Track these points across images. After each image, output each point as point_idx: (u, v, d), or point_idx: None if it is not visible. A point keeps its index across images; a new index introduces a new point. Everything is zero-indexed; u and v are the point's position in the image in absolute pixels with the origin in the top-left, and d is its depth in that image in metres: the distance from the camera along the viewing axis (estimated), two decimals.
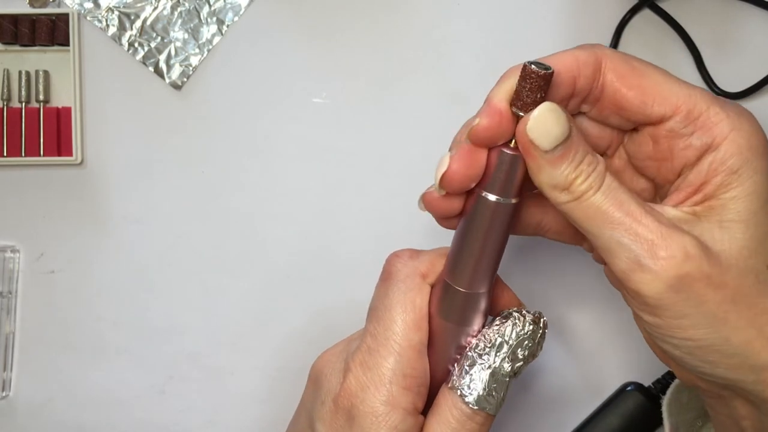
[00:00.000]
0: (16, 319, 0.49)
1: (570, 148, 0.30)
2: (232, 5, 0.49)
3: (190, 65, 0.49)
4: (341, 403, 0.34)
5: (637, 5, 0.48)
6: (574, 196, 0.31)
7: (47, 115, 0.49)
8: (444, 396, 0.34)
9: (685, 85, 0.32)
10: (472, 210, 0.33)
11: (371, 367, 0.33)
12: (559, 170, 0.30)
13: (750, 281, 0.30)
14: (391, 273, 0.35)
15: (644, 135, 0.33)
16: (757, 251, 0.30)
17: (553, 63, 0.31)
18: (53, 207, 0.49)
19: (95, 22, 0.49)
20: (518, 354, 0.34)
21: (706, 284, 0.29)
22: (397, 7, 0.49)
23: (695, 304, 0.29)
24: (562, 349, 0.49)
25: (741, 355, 0.30)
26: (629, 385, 0.47)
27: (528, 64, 0.30)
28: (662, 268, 0.29)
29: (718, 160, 0.31)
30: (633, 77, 0.32)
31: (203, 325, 0.49)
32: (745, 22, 0.48)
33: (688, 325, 0.30)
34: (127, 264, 0.49)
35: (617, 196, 0.30)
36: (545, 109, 0.30)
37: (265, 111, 0.49)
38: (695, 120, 0.31)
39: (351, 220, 0.49)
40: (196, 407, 0.49)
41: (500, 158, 0.32)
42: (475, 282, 0.34)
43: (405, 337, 0.34)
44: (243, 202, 0.49)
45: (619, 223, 0.30)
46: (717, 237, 0.30)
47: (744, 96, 0.47)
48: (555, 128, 0.30)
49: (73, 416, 0.49)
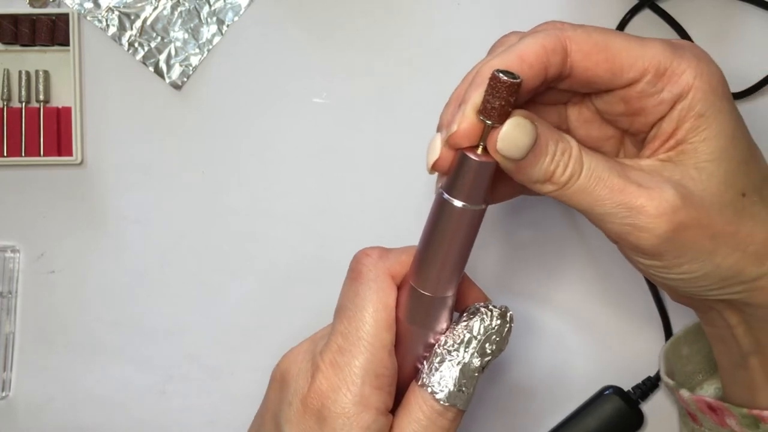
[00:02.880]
0: (16, 319, 0.49)
1: (540, 147, 0.31)
2: (232, 5, 0.49)
3: (190, 65, 0.49)
4: (311, 404, 0.33)
5: (637, 5, 0.48)
6: (559, 185, 0.32)
7: (47, 115, 0.49)
8: (414, 394, 0.34)
9: (646, 43, 0.33)
10: (437, 214, 0.33)
11: (342, 366, 0.33)
12: (536, 169, 0.32)
13: (730, 212, 0.33)
14: (361, 272, 0.35)
15: (614, 96, 0.34)
16: (731, 183, 0.33)
17: (525, 55, 0.32)
18: (53, 207, 0.49)
19: (95, 22, 0.49)
20: (486, 349, 0.34)
21: (696, 227, 0.32)
22: (398, 7, 0.49)
23: (689, 246, 0.32)
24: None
25: (731, 276, 0.33)
26: (608, 388, 0.47)
27: (497, 74, 0.30)
28: (656, 225, 0.31)
29: (686, 107, 0.32)
30: (598, 53, 0.33)
31: (203, 325, 0.49)
32: (745, 22, 0.48)
33: (684, 262, 0.33)
34: (127, 264, 0.49)
35: (598, 174, 0.32)
36: (511, 125, 0.31)
37: (265, 111, 0.49)
38: (662, 76, 0.33)
39: (351, 220, 0.49)
40: (196, 407, 0.49)
41: (467, 165, 0.31)
42: (441, 286, 0.33)
43: (376, 336, 0.33)
44: (243, 202, 0.49)
45: (607, 199, 0.32)
46: (695, 178, 0.33)
47: (744, 96, 0.47)
48: (523, 140, 0.31)
49: (73, 416, 0.49)
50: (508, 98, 0.30)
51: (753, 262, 0.33)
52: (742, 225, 0.33)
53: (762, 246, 0.33)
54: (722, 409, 0.39)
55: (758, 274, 0.33)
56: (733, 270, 0.33)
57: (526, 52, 0.32)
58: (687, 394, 0.42)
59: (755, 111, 0.47)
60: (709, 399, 0.40)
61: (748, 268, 0.33)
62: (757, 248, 0.33)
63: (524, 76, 0.31)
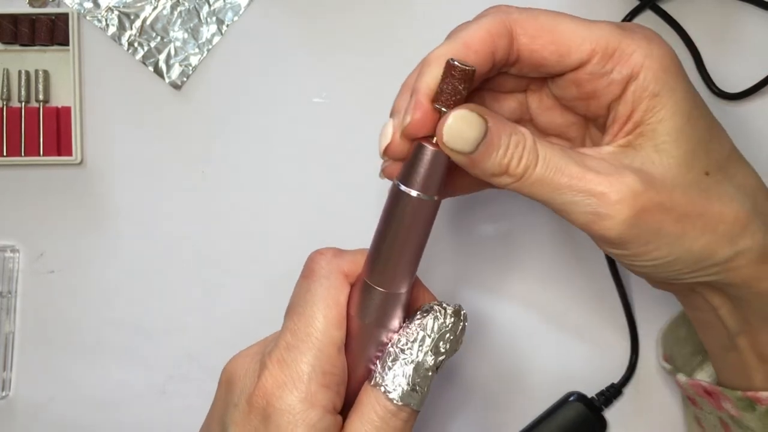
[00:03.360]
0: (16, 319, 0.49)
1: (492, 140, 0.31)
2: (232, 5, 0.49)
3: (189, 65, 0.49)
4: (256, 403, 0.32)
5: (638, 6, 0.48)
6: (516, 177, 0.32)
7: (47, 114, 0.49)
8: (367, 394, 0.33)
9: (594, 25, 0.33)
10: (392, 205, 0.32)
11: (289, 363, 0.32)
12: (489, 162, 0.31)
13: (695, 192, 0.32)
14: (314, 270, 0.35)
15: (566, 80, 0.34)
16: (693, 163, 0.33)
17: (470, 42, 0.32)
18: (53, 207, 0.49)
19: (95, 22, 0.49)
20: (440, 347, 0.34)
21: (660, 211, 0.32)
22: (397, 6, 0.49)
23: (654, 231, 0.32)
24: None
25: (703, 259, 0.33)
26: (572, 394, 0.47)
27: (451, 62, 0.30)
28: (618, 211, 0.31)
29: (640, 88, 0.32)
30: (544, 35, 0.33)
31: (203, 325, 0.49)
32: (745, 23, 0.48)
33: (653, 249, 0.32)
34: (127, 264, 0.49)
35: (555, 163, 0.32)
36: (456, 118, 0.31)
37: (264, 111, 0.49)
38: (611, 57, 0.32)
39: (351, 219, 0.49)
40: (196, 407, 0.49)
41: (422, 154, 0.31)
42: (395, 281, 0.33)
43: (326, 333, 0.33)
44: (243, 202, 0.49)
45: (567, 188, 0.31)
46: (656, 161, 0.32)
47: (743, 96, 0.47)
48: (470, 133, 0.31)
49: (73, 416, 0.49)
50: (461, 86, 0.30)
51: (725, 242, 0.33)
52: (709, 205, 0.33)
53: (732, 225, 0.33)
54: (717, 393, 0.39)
55: (731, 254, 0.33)
56: (706, 252, 0.33)
57: (471, 39, 0.32)
58: (684, 379, 0.42)
59: (755, 112, 0.47)
60: (705, 383, 0.40)
61: (721, 249, 0.33)
62: (728, 228, 0.33)
63: (471, 62, 0.31)
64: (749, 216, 0.33)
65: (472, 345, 0.48)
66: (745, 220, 0.33)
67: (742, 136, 0.47)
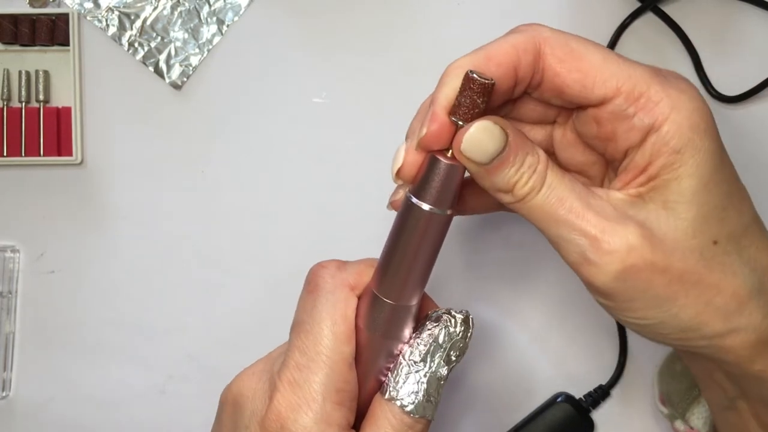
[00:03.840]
0: (16, 319, 0.49)
1: (508, 156, 0.30)
2: (232, 5, 0.49)
3: (190, 65, 0.49)
4: (270, 426, 0.32)
5: (639, 9, 0.47)
6: (517, 198, 0.31)
7: (47, 115, 0.49)
8: (381, 407, 0.33)
9: (626, 64, 0.31)
10: (404, 218, 0.32)
11: (301, 384, 0.32)
12: (499, 176, 0.31)
13: (695, 259, 0.31)
14: (318, 284, 0.34)
15: (588, 116, 0.33)
16: (701, 230, 0.31)
17: (493, 54, 0.31)
18: (53, 207, 0.49)
19: (95, 22, 0.49)
20: (452, 356, 0.33)
21: (651, 271, 0.30)
22: (398, 7, 0.49)
23: (642, 290, 0.30)
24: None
25: (691, 328, 0.31)
26: (560, 395, 0.47)
27: (470, 74, 0.30)
28: (607, 262, 0.30)
29: (661, 141, 0.31)
30: (572, 60, 0.31)
31: (203, 325, 0.49)
32: (746, 24, 0.48)
33: (639, 307, 0.31)
34: (127, 264, 0.49)
35: (559, 193, 0.31)
36: (478, 129, 0.30)
37: (264, 111, 0.49)
38: (636, 101, 0.31)
39: (351, 219, 0.49)
40: (196, 407, 0.49)
41: (437, 167, 0.31)
42: (405, 294, 0.33)
43: (336, 350, 0.32)
44: (243, 202, 0.49)
45: (563, 221, 0.30)
46: (662, 218, 0.31)
47: (743, 99, 0.47)
48: (489, 145, 0.30)
49: (73, 416, 0.49)
50: (479, 99, 0.30)
51: (717, 317, 0.31)
52: (708, 275, 0.31)
53: (730, 300, 0.31)
54: None
55: (723, 330, 0.31)
56: (694, 322, 0.31)
57: (495, 51, 0.31)
58: (682, 427, 0.42)
59: (754, 114, 0.47)
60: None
61: (712, 323, 0.31)
62: (724, 302, 0.31)
63: (492, 75, 0.31)
64: (750, 293, 0.31)
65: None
66: (744, 297, 0.31)
67: (741, 139, 0.47)
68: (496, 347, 0.48)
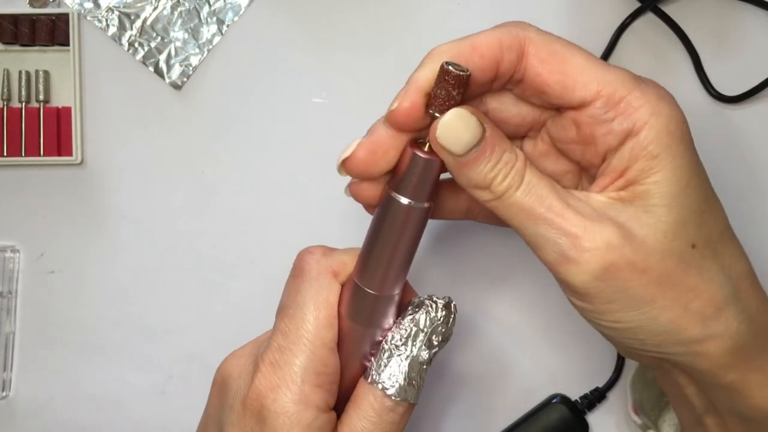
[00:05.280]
0: (16, 319, 0.49)
1: (485, 149, 0.30)
2: (232, 5, 0.49)
3: (190, 65, 0.49)
4: (250, 405, 0.33)
5: (638, 9, 0.47)
6: (495, 195, 0.31)
7: (47, 115, 0.49)
8: (363, 390, 0.34)
9: (608, 69, 0.32)
10: (383, 212, 0.33)
11: (282, 365, 0.33)
12: (475, 171, 0.31)
13: (674, 261, 0.31)
14: (303, 270, 0.35)
15: (567, 119, 0.33)
16: (681, 233, 0.31)
17: (477, 44, 0.31)
18: (53, 207, 0.49)
19: (95, 22, 0.49)
20: (433, 341, 0.34)
21: (631, 270, 0.30)
22: (398, 7, 0.49)
23: (621, 290, 0.30)
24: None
25: (668, 332, 0.31)
26: (555, 397, 0.47)
27: (446, 65, 0.30)
28: (587, 260, 0.30)
29: (639, 146, 0.31)
30: (554, 62, 0.32)
31: (203, 325, 0.49)
32: (746, 24, 0.48)
33: (616, 309, 0.31)
34: (127, 264, 0.49)
35: (538, 191, 0.31)
36: (453, 116, 0.30)
37: (264, 111, 0.49)
38: (616, 105, 0.31)
39: (350, 219, 0.49)
40: (196, 407, 0.49)
41: (414, 161, 0.31)
42: (386, 285, 0.33)
43: (317, 334, 0.33)
44: (243, 202, 0.49)
45: (542, 219, 0.31)
46: (642, 221, 0.31)
47: (743, 99, 0.47)
48: (465, 134, 0.30)
49: (73, 416, 0.49)
50: (454, 91, 0.30)
51: (695, 321, 0.31)
52: (686, 278, 0.31)
53: (706, 304, 0.31)
54: None
55: (700, 335, 0.31)
56: (672, 327, 0.31)
57: (480, 42, 0.31)
58: None
59: (754, 115, 0.47)
60: None
61: (690, 327, 0.31)
62: (701, 306, 0.31)
63: (474, 65, 0.31)
64: (726, 300, 0.31)
65: (459, 345, 0.48)
66: (721, 303, 0.31)
67: (740, 139, 0.47)
68: (492, 347, 0.48)
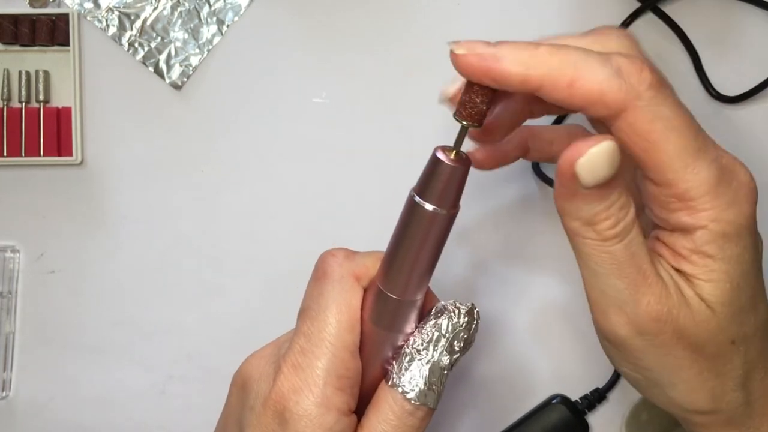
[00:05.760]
0: (16, 319, 0.49)
1: (609, 188, 0.29)
2: (232, 5, 0.49)
3: (190, 65, 0.49)
4: (272, 407, 0.33)
5: (639, 9, 0.47)
6: (600, 237, 0.30)
7: (47, 115, 0.49)
8: (384, 394, 0.34)
9: (695, 163, 0.30)
10: (407, 218, 0.32)
11: (304, 368, 0.33)
12: (589, 206, 0.30)
13: (712, 350, 0.32)
14: (326, 272, 0.35)
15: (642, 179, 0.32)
16: (725, 329, 0.31)
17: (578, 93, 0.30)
18: (53, 207, 0.49)
19: (95, 22, 0.49)
20: (455, 346, 0.34)
21: (673, 334, 0.31)
22: (398, 7, 0.49)
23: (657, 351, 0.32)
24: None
25: (680, 399, 0.33)
26: (556, 397, 0.47)
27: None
28: (641, 322, 0.31)
29: (694, 243, 0.31)
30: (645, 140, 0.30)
31: (203, 325, 0.49)
32: (746, 24, 0.48)
33: (643, 366, 0.33)
34: (127, 264, 0.49)
35: (638, 250, 0.30)
36: (605, 148, 0.28)
37: (265, 111, 0.49)
38: (682, 199, 0.30)
39: (351, 219, 0.49)
40: (196, 407, 0.49)
41: (440, 168, 0.31)
42: (409, 290, 0.33)
43: (339, 338, 0.33)
44: (243, 202, 0.49)
45: (631, 279, 0.30)
46: (693, 308, 0.31)
47: (743, 99, 0.47)
48: (605, 170, 0.29)
49: (73, 416, 0.49)
50: (478, 99, 0.30)
51: (707, 397, 0.33)
52: (714, 362, 0.32)
53: (720, 385, 0.32)
54: None
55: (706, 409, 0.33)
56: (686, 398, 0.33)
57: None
58: None
59: (753, 115, 0.47)
60: None
61: (701, 402, 0.33)
62: (715, 385, 0.32)
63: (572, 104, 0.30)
64: (735, 383, 0.33)
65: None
66: (733, 387, 0.33)
67: (741, 139, 0.47)
68: (493, 347, 0.48)
